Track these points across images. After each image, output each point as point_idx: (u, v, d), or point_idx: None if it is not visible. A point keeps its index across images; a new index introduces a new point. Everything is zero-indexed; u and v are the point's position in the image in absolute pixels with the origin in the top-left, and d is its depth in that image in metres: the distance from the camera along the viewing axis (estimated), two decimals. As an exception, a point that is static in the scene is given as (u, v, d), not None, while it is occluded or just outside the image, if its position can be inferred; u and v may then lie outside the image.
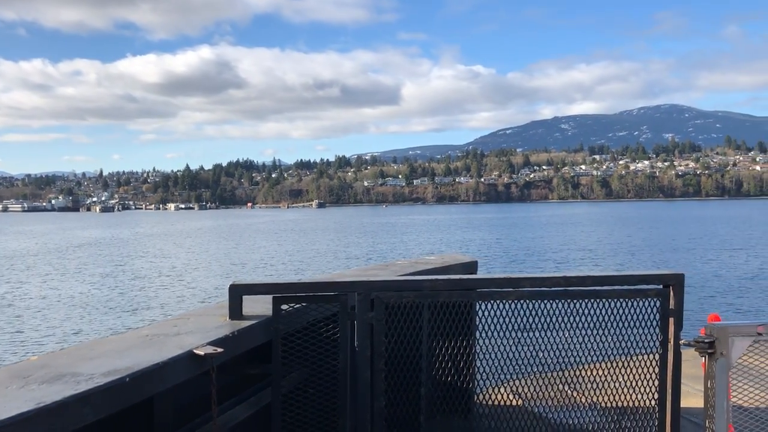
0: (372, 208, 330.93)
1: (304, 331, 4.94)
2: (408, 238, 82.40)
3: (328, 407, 4.95)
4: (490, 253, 56.77)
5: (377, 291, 4.91)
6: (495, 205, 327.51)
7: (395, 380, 5.10)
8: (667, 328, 5.19)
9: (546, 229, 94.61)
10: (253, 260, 53.61)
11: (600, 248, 58.97)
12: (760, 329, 4.86)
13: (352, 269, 7.84)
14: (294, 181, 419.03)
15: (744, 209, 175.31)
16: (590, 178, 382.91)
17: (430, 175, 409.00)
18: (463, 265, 7.15)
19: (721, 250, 53.71)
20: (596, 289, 5.18)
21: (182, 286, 37.83)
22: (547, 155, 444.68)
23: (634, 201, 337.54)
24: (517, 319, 5.25)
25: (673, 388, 5.18)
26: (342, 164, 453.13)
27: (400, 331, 5.03)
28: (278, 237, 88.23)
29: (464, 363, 5.43)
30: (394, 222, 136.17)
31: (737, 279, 35.11)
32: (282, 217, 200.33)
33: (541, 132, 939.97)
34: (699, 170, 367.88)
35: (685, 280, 5.35)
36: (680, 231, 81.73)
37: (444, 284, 5.09)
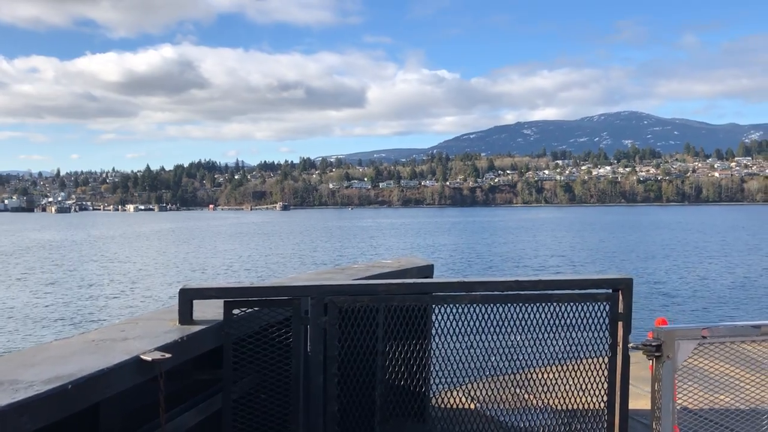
0: (337, 210, 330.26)
1: (256, 335, 4.91)
2: (371, 241, 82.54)
3: (280, 413, 4.94)
4: (450, 256, 57.36)
5: (331, 295, 4.92)
6: (460, 208, 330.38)
7: (349, 385, 5.11)
8: (616, 332, 5.33)
9: (507, 233, 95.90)
10: (211, 264, 52.78)
11: (557, 252, 60.16)
12: (704, 332, 5.04)
13: (307, 273, 7.81)
14: (257, 183, 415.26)
15: (701, 215, 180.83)
16: (554, 182, 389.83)
17: (396, 178, 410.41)
18: (420, 269, 7.21)
19: (671, 255, 55.33)
20: (548, 292, 5.29)
21: (135, 293, 36.39)
22: (511, 160, 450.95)
23: (597, 206, 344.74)
24: (471, 323, 5.32)
25: (621, 390, 5.32)
26: (307, 166, 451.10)
27: (354, 336, 5.04)
28: (240, 240, 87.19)
29: (419, 367, 5.48)
30: (360, 225, 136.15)
31: (685, 283, 36.25)
32: (245, 219, 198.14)
33: (504, 137, 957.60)
34: (660, 176, 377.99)
35: (633, 284, 5.51)
36: (635, 236, 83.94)
37: (398, 288, 5.12)
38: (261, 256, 60.41)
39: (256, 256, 61.29)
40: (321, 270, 7.65)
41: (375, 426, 5.27)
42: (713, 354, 5.03)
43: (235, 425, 4.80)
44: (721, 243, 68.73)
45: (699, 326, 5.08)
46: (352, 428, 5.13)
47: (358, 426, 5.15)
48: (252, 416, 4.88)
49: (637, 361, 5.97)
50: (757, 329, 5.13)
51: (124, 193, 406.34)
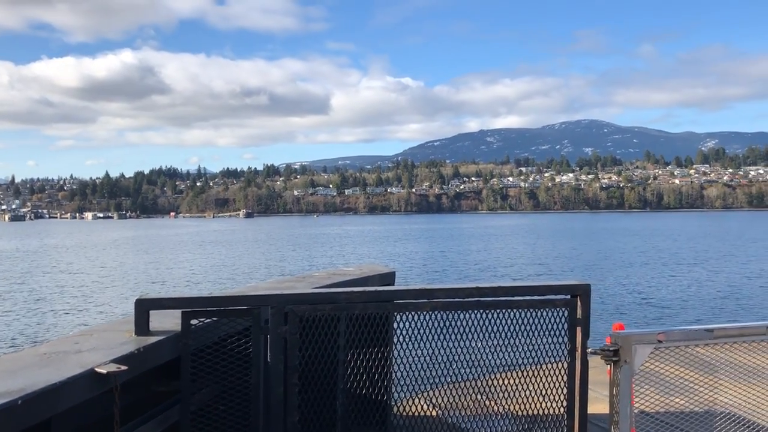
0: (302, 218, 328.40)
1: (215, 346, 4.87)
2: (336, 249, 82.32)
3: (240, 424, 4.90)
4: (413, 264, 57.59)
5: (291, 304, 4.91)
6: (426, 215, 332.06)
7: (310, 395, 5.10)
8: (574, 337, 5.44)
9: (471, 240, 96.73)
10: (172, 275, 51.67)
11: (519, 259, 60.96)
12: (660, 337, 5.18)
13: (268, 282, 7.77)
14: (220, 190, 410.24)
15: (662, 222, 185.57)
16: (518, 189, 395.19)
17: (362, 185, 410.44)
18: (381, 276, 7.23)
19: (629, 261, 56.55)
20: (508, 299, 5.37)
21: (89, 306, 34.87)
22: (476, 167, 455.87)
23: (561, 212, 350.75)
24: (432, 330, 5.37)
25: (580, 395, 5.42)
26: (270, 173, 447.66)
27: (314, 345, 5.04)
28: (202, 249, 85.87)
29: (381, 375, 5.49)
30: (326, 233, 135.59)
31: (642, 289, 37.05)
32: (207, 227, 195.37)
33: (467, 144, 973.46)
34: (622, 183, 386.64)
35: (592, 290, 5.63)
36: (595, 243, 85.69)
37: (360, 296, 5.14)
38: (223, 266, 59.52)
39: (218, 265, 60.39)
40: (281, 278, 7.62)
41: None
42: (669, 358, 5.18)
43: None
44: (678, 249, 70.61)
45: (655, 331, 5.23)
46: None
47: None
48: (211, 428, 4.83)
49: (596, 366, 6.10)
50: (711, 333, 5.30)
51: (82, 201, 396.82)
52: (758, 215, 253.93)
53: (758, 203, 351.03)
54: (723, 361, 5.34)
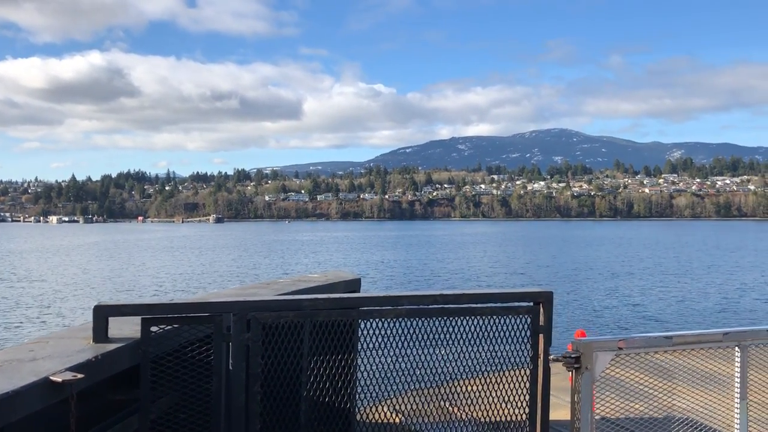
0: (273, 223, 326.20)
1: (175, 353, 4.82)
2: (307, 256, 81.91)
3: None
4: (381, 271, 57.60)
5: (254, 311, 4.89)
6: (399, 222, 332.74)
7: (273, 402, 5.09)
8: (537, 344, 5.52)
9: (442, 247, 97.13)
10: (137, 282, 50.30)
11: (486, 266, 61.46)
12: (620, 344, 5.29)
13: (231, 288, 7.72)
14: (189, 195, 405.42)
15: (630, 230, 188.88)
16: (491, 197, 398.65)
17: (334, 190, 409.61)
18: (347, 283, 7.24)
19: (593, 269, 57.39)
20: (471, 306, 5.43)
21: (48, 315, 33.38)
22: (449, 174, 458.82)
23: (533, 220, 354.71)
24: (397, 337, 5.41)
25: (542, 401, 5.51)
26: (241, 178, 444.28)
27: (278, 352, 5.03)
28: (170, 255, 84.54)
29: (345, 382, 5.50)
30: (297, 239, 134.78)
31: (605, 297, 37.69)
32: (176, 232, 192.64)
33: (439, 151, 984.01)
34: (593, 192, 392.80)
35: (555, 297, 5.73)
36: (561, 251, 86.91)
37: (324, 303, 5.14)
38: (191, 273, 58.51)
39: (186, 272, 59.39)
40: (246, 285, 7.57)
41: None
42: (630, 364, 5.30)
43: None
44: (641, 258, 71.95)
45: (615, 338, 5.34)
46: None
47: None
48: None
49: (559, 372, 6.20)
50: (670, 340, 5.44)
51: (46, 204, 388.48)
52: (725, 225, 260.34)
53: (726, 213, 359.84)
54: (681, 367, 5.47)
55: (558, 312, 28.93)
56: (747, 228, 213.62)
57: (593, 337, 5.48)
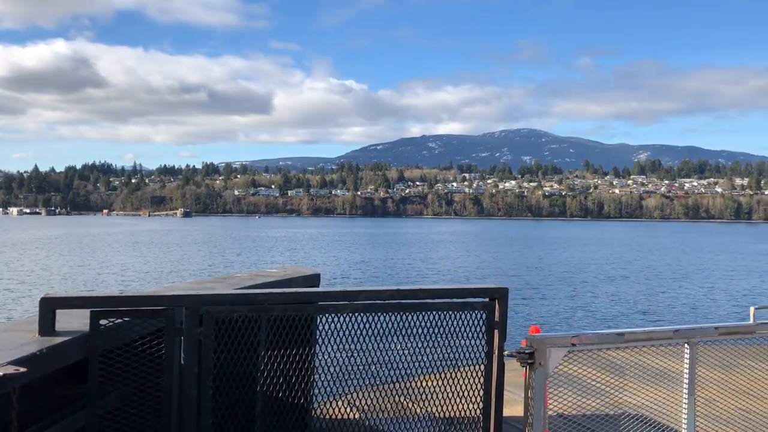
0: (243, 218, 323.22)
1: (126, 347, 4.78)
2: (274, 251, 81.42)
3: (151, 427, 4.83)
4: (345, 266, 57.80)
5: (206, 305, 4.87)
6: (371, 219, 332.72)
7: (226, 397, 5.08)
8: (492, 340, 5.60)
9: (410, 245, 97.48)
10: (98, 278, 49.07)
11: (450, 263, 62.26)
12: (573, 340, 5.40)
13: (186, 282, 7.67)
14: (157, 188, 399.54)
15: (598, 230, 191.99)
16: (463, 195, 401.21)
17: (306, 186, 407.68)
18: (306, 278, 7.23)
19: (551, 267, 58.79)
20: (428, 301, 5.49)
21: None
22: (420, 171, 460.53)
23: (504, 219, 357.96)
24: (354, 332, 5.44)
25: (496, 396, 5.59)
26: (210, 172, 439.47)
27: (232, 347, 5.02)
28: (135, 250, 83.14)
29: (301, 377, 5.51)
30: (268, 235, 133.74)
31: (560, 294, 38.55)
32: (142, 226, 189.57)
33: (410, 149, 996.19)
34: (564, 192, 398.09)
35: (512, 294, 5.83)
36: (523, 249, 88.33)
37: (278, 298, 5.15)
38: (154, 268, 57.43)
39: (149, 267, 58.32)
40: (202, 279, 7.52)
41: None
42: (582, 360, 5.42)
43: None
44: (600, 258, 73.38)
45: (569, 334, 5.44)
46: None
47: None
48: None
49: (516, 368, 6.31)
50: (622, 337, 5.57)
51: (7, 195, 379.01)
52: (693, 226, 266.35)
53: (694, 215, 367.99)
54: (633, 363, 5.61)
55: (515, 308, 29.34)
56: (713, 230, 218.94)
57: (547, 333, 5.58)
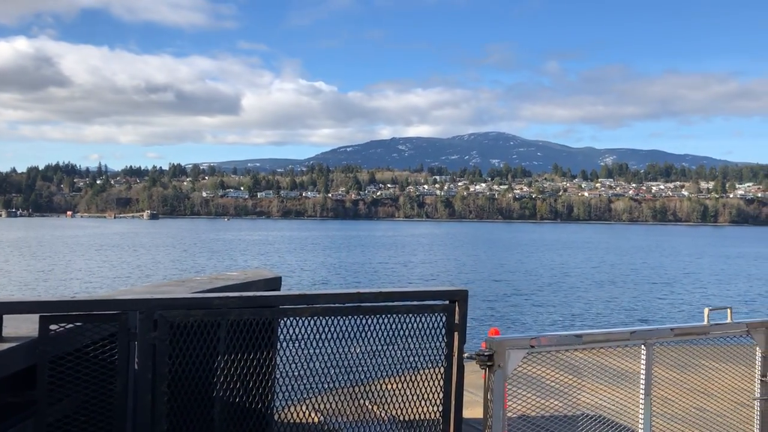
0: (211, 221, 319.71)
1: (77, 353, 4.69)
2: (241, 254, 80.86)
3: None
4: (310, 269, 58.01)
5: (161, 309, 4.81)
6: (342, 221, 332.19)
7: (182, 403, 5.02)
8: (452, 342, 5.64)
9: (379, 248, 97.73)
10: (59, 283, 48.08)
11: (414, 267, 62.84)
12: (532, 342, 5.47)
13: (142, 286, 7.56)
14: (122, 189, 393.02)
15: (566, 233, 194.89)
16: (434, 198, 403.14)
17: (275, 188, 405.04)
18: (266, 281, 7.18)
19: (513, 269, 59.92)
20: (387, 304, 5.50)
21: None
22: (392, 173, 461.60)
23: (476, 221, 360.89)
24: (315, 336, 5.43)
25: (456, 399, 5.63)
26: (177, 173, 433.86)
27: (188, 352, 4.96)
28: (98, 253, 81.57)
29: (262, 382, 5.47)
30: (234, 238, 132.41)
31: (521, 296, 39.41)
32: (107, 228, 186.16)
33: (380, 151, 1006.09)
34: (534, 194, 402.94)
35: (473, 296, 5.88)
36: (488, 251, 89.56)
37: (235, 302, 5.10)
38: (115, 272, 56.18)
39: (111, 271, 57.18)
40: (160, 282, 7.42)
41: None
42: (541, 362, 5.50)
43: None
44: (562, 260, 74.69)
45: (527, 336, 5.52)
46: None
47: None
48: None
49: (478, 369, 6.37)
50: (580, 338, 5.66)
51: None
52: (660, 229, 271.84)
53: (661, 217, 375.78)
54: (591, 364, 5.71)
55: (478, 310, 29.63)
56: (678, 232, 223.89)
57: (506, 335, 5.64)
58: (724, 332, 5.96)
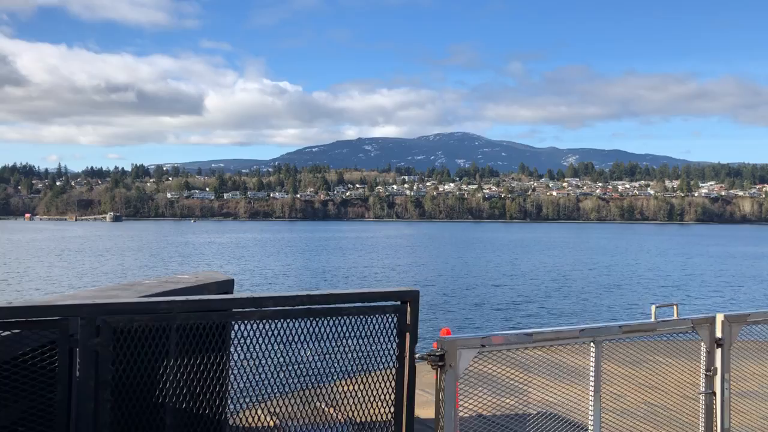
0: (177, 222, 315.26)
1: (14, 361, 4.59)
2: (194, 257, 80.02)
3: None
4: (265, 271, 57.75)
5: (104, 315, 4.74)
6: (311, 222, 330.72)
7: (129, 410, 4.96)
8: (403, 343, 5.68)
9: (342, 249, 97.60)
10: (11, 289, 46.91)
11: (372, 268, 63.18)
12: (483, 341, 5.58)
13: (87, 290, 7.44)
14: (83, 191, 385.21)
15: (531, 232, 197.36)
16: (404, 198, 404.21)
17: (242, 188, 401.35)
18: (218, 284, 7.11)
19: (468, 269, 60.75)
20: (339, 306, 5.51)
21: None
22: (360, 174, 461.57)
23: (446, 221, 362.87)
24: (267, 339, 5.42)
25: (407, 401, 5.67)
26: (140, 174, 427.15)
27: (131, 358, 4.90)
28: (58, 258, 79.67)
29: (215, 386, 5.44)
30: (197, 240, 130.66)
31: (475, 295, 40.01)
32: (68, 232, 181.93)
33: (346, 152, 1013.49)
34: (503, 194, 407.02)
35: (424, 297, 5.94)
36: (447, 252, 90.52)
37: (182, 306, 5.05)
38: (67, 276, 54.17)
39: (62, 275, 55.48)
40: (106, 286, 7.30)
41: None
42: (493, 361, 5.59)
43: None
44: (519, 260, 75.76)
45: (478, 335, 5.61)
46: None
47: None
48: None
49: (432, 370, 6.44)
50: (530, 337, 5.77)
51: None
52: (627, 227, 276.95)
53: (629, 216, 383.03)
54: (543, 361, 5.83)
55: (432, 311, 29.85)
56: (646, 231, 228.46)
57: (457, 335, 5.72)
58: (671, 329, 6.14)
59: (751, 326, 6.44)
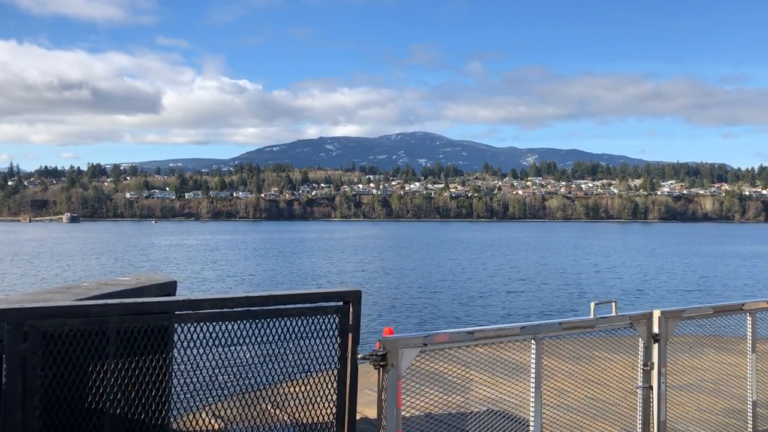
0: (137, 223, 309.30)
1: None
2: (143, 258, 78.81)
3: None
4: (212, 273, 57.25)
5: (32, 319, 4.67)
6: (276, 222, 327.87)
7: (61, 417, 4.90)
8: (346, 343, 5.74)
9: (302, 251, 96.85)
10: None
11: (321, 268, 63.02)
12: (425, 340, 5.65)
13: (19, 294, 7.28)
14: (37, 191, 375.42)
15: (495, 231, 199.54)
16: (371, 197, 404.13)
17: (204, 188, 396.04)
18: (160, 286, 7.05)
19: (411, 267, 61.31)
20: (279, 308, 5.53)
21: None
22: (325, 173, 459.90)
23: (413, 221, 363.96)
24: (207, 342, 5.41)
25: (349, 401, 5.73)
26: (97, 173, 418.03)
27: (62, 363, 4.84)
28: (12, 263, 77.25)
29: (156, 390, 5.41)
30: (152, 243, 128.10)
31: (420, 294, 40.22)
32: (23, 234, 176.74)
33: (307, 151, 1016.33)
34: (470, 193, 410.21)
35: (367, 297, 6.01)
36: (397, 252, 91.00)
37: (115, 309, 5.01)
38: (8, 280, 52.84)
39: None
40: (42, 290, 7.15)
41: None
42: (435, 359, 5.67)
43: None
44: (467, 259, 76.44)
45: (420, 334, 5.69)
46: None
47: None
48: None
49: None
50: (472, 335, 5.87)
51: None
52: (591, 226, 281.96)
53: (594, 215, 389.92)
54: (486, 359, 5.94)
55: (376, 310, 29.71)
56: (610, 229, 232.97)
57: (399, 334, 5.78)
58: (610, 325, 6.32)
59: (686, 321, 6.67)
